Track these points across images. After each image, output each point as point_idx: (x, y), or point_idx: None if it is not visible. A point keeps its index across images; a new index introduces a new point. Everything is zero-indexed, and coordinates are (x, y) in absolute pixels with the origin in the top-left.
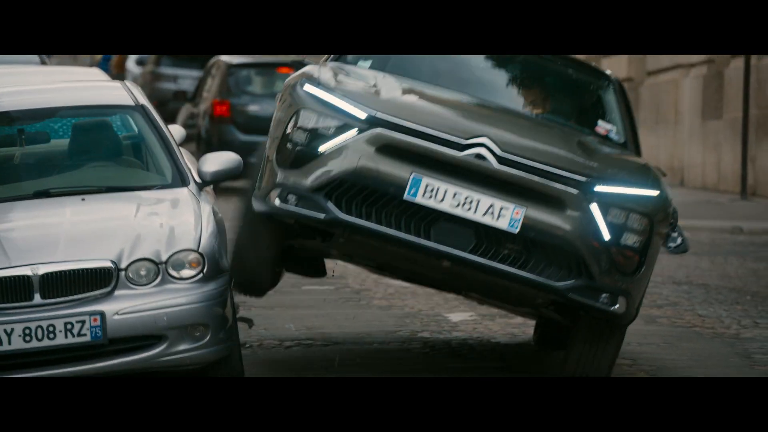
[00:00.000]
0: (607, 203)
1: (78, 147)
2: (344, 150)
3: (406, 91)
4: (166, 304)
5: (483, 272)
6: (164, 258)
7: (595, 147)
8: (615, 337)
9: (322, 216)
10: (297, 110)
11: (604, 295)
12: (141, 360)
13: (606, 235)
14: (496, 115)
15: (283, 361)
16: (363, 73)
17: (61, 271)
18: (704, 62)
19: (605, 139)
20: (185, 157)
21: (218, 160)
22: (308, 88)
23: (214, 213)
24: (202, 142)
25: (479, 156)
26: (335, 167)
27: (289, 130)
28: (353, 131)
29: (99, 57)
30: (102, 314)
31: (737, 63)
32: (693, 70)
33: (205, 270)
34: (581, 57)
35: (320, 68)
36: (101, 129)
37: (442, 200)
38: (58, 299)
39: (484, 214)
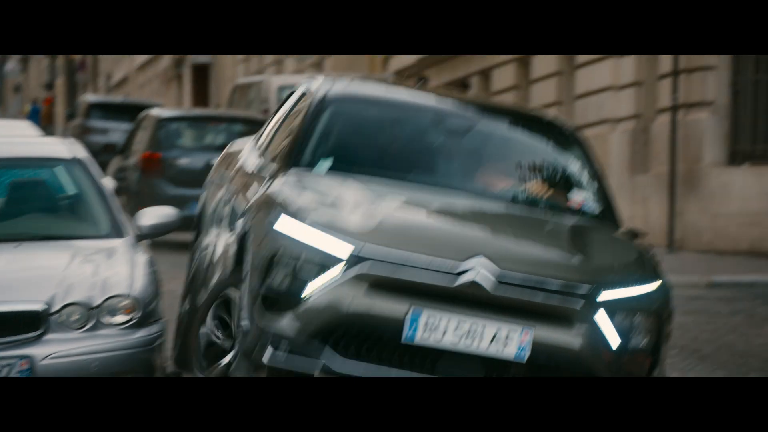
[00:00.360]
0: (613, 309)
1: (15, 200)
2: (332, 292)
3: (384, 209)
4: (97, 350)
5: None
6: (97, 303)
7: (586, 240)
8: None
9: (316, 371)
10: (274, 252)
11: None
12: None
13: (615, 344)
14: (482, 220)
15: None
16: (330, 187)
17: None
18: (631, 117)
19: (581, 214)
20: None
21: (156, 214)
22: (282, 225)
23: (150, 263)
24: (132, 195)
25: (476, 282)
26: (326, 312)
27: (269, 274)
28: (338, 269)
29: (28, 108)
30: (31, 358)
31: (663, 118)
32: (620, 125)
33: (138, 317)
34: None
35: (284, 187)
36: (37, 184)
37: (444, 334)
38: None
39: (491, 342)
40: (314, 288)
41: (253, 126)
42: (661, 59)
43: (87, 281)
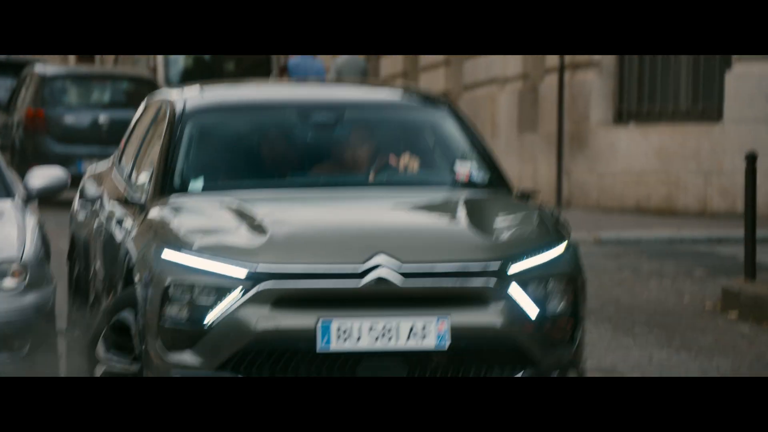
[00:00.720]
0: (525, 279)
1: None
2: (235, 316)
3: (269, 222)
4: None
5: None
6: None
7: (483, 213)
8: None
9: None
10: (167, 285)
11: (553, 374)
12: None
13: (534, 314)
14: (372, 214)
15: None
16: (208, 208)
17: None
18: (519, 77)
19: (470, 185)
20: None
21: (45, 175)
22: (169, 255)
23: (39, 226)
24: (16, 152)
25: (381, 279)
26: (233, 338)
27: (165, 309)
28: (237, 292)
29: None
30: None
31: (551, 78)
32: (508, 85)
33: (27, 280)
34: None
35: (161, 215)
36: None
37: (359, 338)
38: None
39: (408, 338)
40: (216, 315)
41: (138, 84)
42: None
43: None
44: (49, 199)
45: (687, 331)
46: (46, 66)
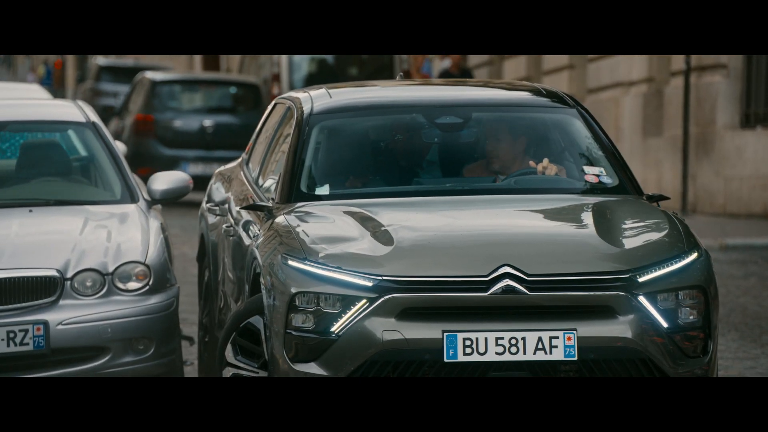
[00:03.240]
0: (655, 290)
1: (27, 163)
2: (361, 327)
3: (396, 231)
4: (111, 316)
5: None
6: (111, 269)
7: (612, 220)
8: None
9: None
10: (292, 295)
11: None
12: (83, 371)
13: (665, 326)
14: (501, 222)
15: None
16: (335, 216)
17: (5, 279)
18: (644, 80)
19: (601, 187)
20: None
21: (168, 179)
22: (294, 263)
23: (162, 229)
24: (126, 156)
25: (508, 289)
26: (359, 349)
27: (291, 318)
28: (363, 303)
29: (43, 70)
30: (45, 323)
31: (677, 82)
32: (633, 89)
33: (151, 283)
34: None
35: (288, 222)
36: (50, 146)
37: (486, 351)
38: (2, 307)
39: (535, 351)
40: (341, 325)
41: (245, 89)
42: None
43: (100, 247)
44: (172, 204)
45: None
46: (156, 72)
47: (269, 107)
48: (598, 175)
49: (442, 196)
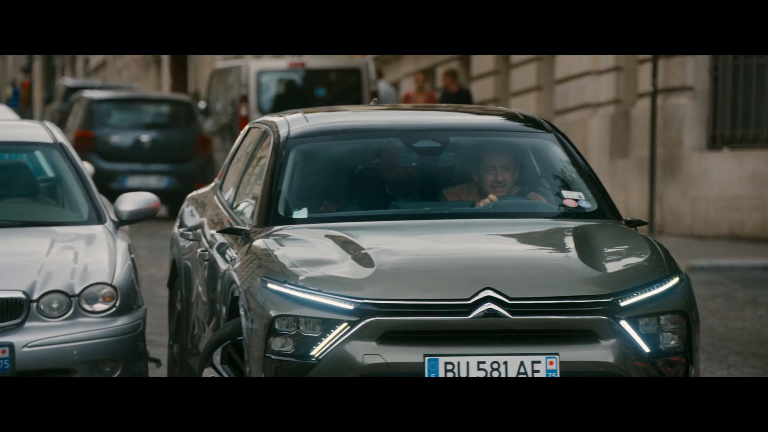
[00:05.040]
0: (637, 315)
1: None
2: (342, 351)
3: (375, 255)
4: (77, 338)
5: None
6: (77, 291)
7: (594, 243)
8: None
9: None
10: (272, 318)
11: None
12: None
13: (647, 351)
14: (483, 246)
15: None
16: (313, 239)
17: None
18: (611, 102)
19: (579, 211)
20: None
21: (135, 200)
22: (274, 286)
23: (130, 250)
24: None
25: (490, 312)
26: (340, 373)
27: (270, 342)
28: (344, 326)
29: (9, 91)
30: (11, 346)
31: (643, 103)
32: (600, 110)
33: (118, 304)
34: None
35: (266, 245)
36: (17, 167)
37: (467, 375)
38: None
39: (517, 375)
40: (322, 348)
41: (179, 107)
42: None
43: (67, 268)
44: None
45: None
46: (93, 91)
47: (243, 131)
48: (576, 200)
49: (420, 219)
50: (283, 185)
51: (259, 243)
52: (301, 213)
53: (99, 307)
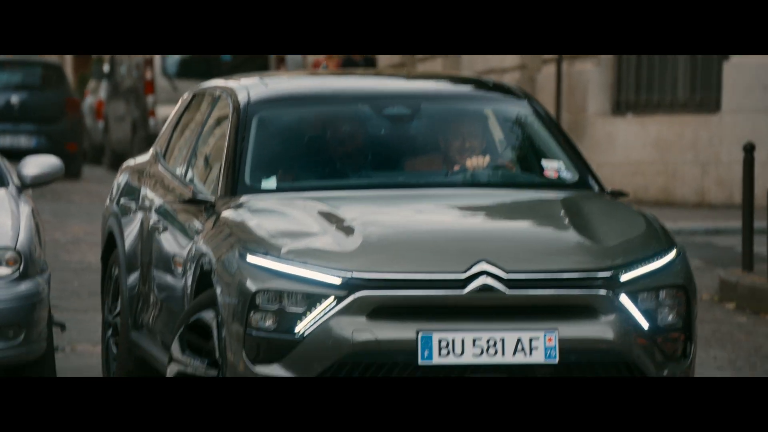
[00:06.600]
0: (636, 290)
1: None
2: (329, 327)
3: (359, 226)
4: None
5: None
6: None
7: (587, 215)
8: None
9: None
10: (253, 293)
11: None
12: None
13: (646, 326)
14: (467, 217)
15: (96, 366)
16: (288, 209)
17: None
18: (517, 68)
19: (560, 182)
20: None
21: (39, 164)
22: (254, 260)
23: (34, 214)
24: None
25: (485, 287)
26: (327, 350)
27: (251, 318)
28: (331, 301)
29: None
30: None
31: (549, 69)
32: (506, 76)
33: (21, 269)
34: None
35: (238, 216)
36: None
37: (462, 352)
38: None
39: (515, 353)
40: (307, 324)
41: (49, 70)
42: None
43: None
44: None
45: None
46: None
47: (184, 98)
48: (557, 170)
49: (396, 188)
50: (248, 153)
51: (229, 213)
52: (270, 182)
53: (2, 271)
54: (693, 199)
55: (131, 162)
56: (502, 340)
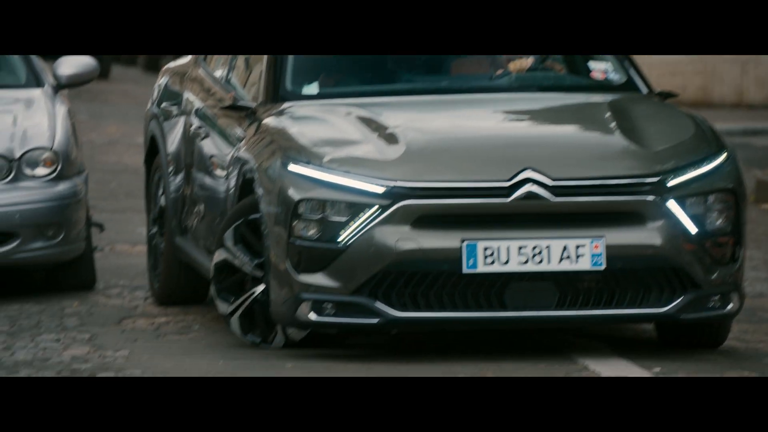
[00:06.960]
0: (685, 194)
1: None
2: (373, 236)
3: (403, 133)
4: (19, 201)
5: (579, 323)
6: (17, 155)
7: (635, 119)
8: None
9: (375, 321)
10: (295, 202)
11: (714, 298)
12: None
13: (695, 231)
14: (517, 123)
15: (135, 266)
16: (331, 116)
17: None
18: None
19: (608, 84)
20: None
21: (74, 64)
22: (297, 168)
23: (70, 114)
24: None
25: (531, 195)
26: (371, 259)
27: (294, 226)
28: (374, 210)
29: None
30: None
31: None
32: None
33: (59, 169)
34: None
35: (280, 123)
36: None
37: (508, 261)
38: None
39: (561, 260)
40: (350, 233)
41: None
42: None
43: (6, 132)
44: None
45: None
46: None
47: None
48: (605, 71)
49: (438, 94)
50: (289, 57)
51: (270, 120)
52: (312, 88)
53: (40, 171)
54: (731, 99)
55: (172, 64)
56: (548, 248)
